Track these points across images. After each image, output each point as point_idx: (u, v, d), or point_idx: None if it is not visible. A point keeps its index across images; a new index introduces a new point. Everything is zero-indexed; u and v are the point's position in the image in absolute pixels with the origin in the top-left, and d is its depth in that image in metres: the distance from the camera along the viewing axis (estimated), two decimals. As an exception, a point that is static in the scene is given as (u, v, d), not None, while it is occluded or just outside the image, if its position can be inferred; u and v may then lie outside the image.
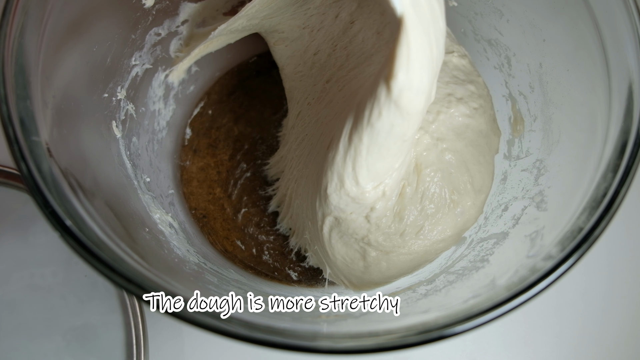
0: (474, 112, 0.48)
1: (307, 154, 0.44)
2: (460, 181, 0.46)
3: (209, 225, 0.60)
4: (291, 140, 0.50)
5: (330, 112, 0.41)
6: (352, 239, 0.44)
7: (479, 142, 0.48)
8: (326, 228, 0.43)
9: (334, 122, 0.39)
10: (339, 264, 0.47)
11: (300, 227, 0.49)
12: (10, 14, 0.33)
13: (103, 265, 0.31)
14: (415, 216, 0.45)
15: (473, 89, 0.50)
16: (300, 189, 0.46)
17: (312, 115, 0.45)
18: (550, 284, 0.32)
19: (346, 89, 0.40)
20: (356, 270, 0.46)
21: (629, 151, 0.34)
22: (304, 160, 0.45)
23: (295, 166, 0.47)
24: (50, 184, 0.31)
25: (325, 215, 0.42)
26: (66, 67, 0.39)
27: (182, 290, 0.33)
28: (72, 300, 0.56)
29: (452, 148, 0.46)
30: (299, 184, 0.46)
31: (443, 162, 0.46)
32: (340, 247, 0.45)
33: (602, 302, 0.62)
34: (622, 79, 0.37)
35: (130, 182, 0.48)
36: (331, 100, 0.42)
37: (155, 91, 0.55)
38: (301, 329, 0.32)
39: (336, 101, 0.40)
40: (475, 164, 0.48)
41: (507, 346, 0.60)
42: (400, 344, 0.31)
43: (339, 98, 0.40)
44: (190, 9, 0.52)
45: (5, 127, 0.31)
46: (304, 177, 0.45)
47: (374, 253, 0.45)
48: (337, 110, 0.40)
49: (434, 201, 0.45)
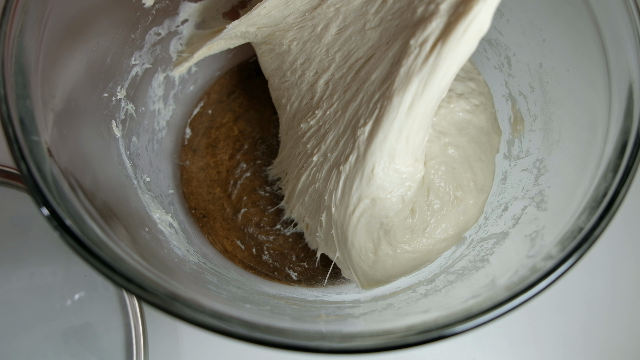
0: (474, 108, 0.48)
1: (321, 146, 0.45)
2: (463, 177, 0.47)
3: (208, 225, 0.60)
4: (290, 144, 0.50)
5: (347, 101, 0.42)
6: (377, 224, 0.44)
7: (481, 140, 0.49)
8: (358, 212, 0.43)
9: (357, 109, 0.40)
10: (353, 252, 0.46)
11: (313, 212, 0.48)
12: (10, 14, 0.33)
13: (103, 265, 0.31)
14: (424, 210, 0.46)
15: (473, 86, 0.50)
16: (317, 177, 0.46)
17: (316, 114, 0.46)
18: (551, 283, 0.32)
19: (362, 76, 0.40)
20: (365, 263, 0.46)
21: (629, 151, 0.34)
22: (317, 159, 0.45)
23: (308, 157, 0.47)
24: (50, 183, 0.31)
25: (362, 197, 0.42)
26: (66, 66, 0.39)
27: (182, 289, 0.33)
28: (71, 300, 0.56)
29: (455, 143, 0.47)
30: (315, 173, 0.46)
31: (446, 155, 0.47)
32: (362, 234, 0.45)
33: (603, 302, 0.62)
34: (622, 79, 0.37)
35: (130, 181, 0.48)
36: (346, 90, 0.42)
37: (155, 91, 0.55)
38: (301, 328, 0.32)
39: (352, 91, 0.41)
40: (478, 162, 0.48)
41: (507, 346, 0.60)
42: (400, 344, 0.31)
43: (354, 87, 0.41)
44: (190, 8, 0.52)
45: (5, 126, 0.31)
46: (321, 169, 0.45)
47: (385, 248, 0.45)
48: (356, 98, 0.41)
49: (439, 196, 0.46)
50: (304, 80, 0.47)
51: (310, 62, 0.46)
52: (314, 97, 0.46)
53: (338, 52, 0.44)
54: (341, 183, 0.43)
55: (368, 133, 0.39)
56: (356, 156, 0.41)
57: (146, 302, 0.31)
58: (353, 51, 0.42)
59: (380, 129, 0.38)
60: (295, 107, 0.49)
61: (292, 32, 0.47)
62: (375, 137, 0.38)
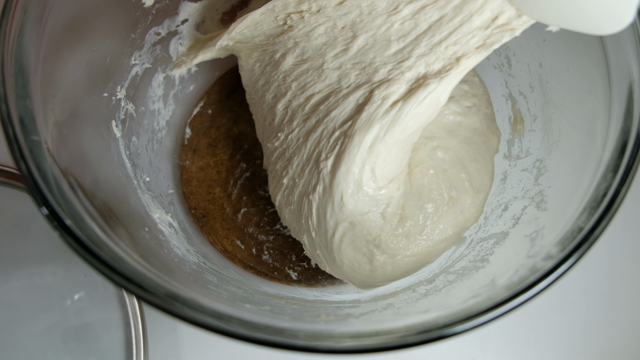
0: (466, 110, 0.49)
1: (288, 170, 0.47)
2: (457, 178, 0.47)
3: (208, 224, 0.60)
4: (267, 154, 0.52)
5: (308, 131, 0.45)
6: (363, 242, 0.45)
7: (475, 140, 0.49)
8: (338, 235, 0.44)
9: (317, 141, 0.43)
10: (345, 268, 0.47)
11: (296, 231, 0.50)
12: (9, 13, 0.33)
13: (102, 264, 0.31)
14: (417, 215, 0.46)
15: (467, 88, 0.50)
16: (291, 199, 0.48)
17: (279, 137, 0.48)
18: (551, 283, 0.32)
19: (322, 110, 0.44)
20: (362, 274, 0.47)
21: (629, 151, 0.34)
22: (287, 182, 0.47)
23: (279, 179, 0.49)
24: (50, 183, 0.31)
25: (338, 222, 0.44)
26: (66, 66, 0.39)
27: (182, 289, 0.33)
28: (71, 300, 0.56)
29: (444, 146, 0.48)
30: (288, 196, 0.48)
31: (435, 159, 0.47)
32: (349, 251, 0.46)
33: (603, 302, 0.62)
34: (622, 79, 0.37)
35: (130, 181, 0.48)
36: (305, 119, 0.45)
37: (155, 90, 0.55)
38: (301, 328, 0.32)
39: (311, 123, 0.44)
40: (472, 162, 0.48)
41: (507, 346, 0.60)
42: (400, 343, 0.31)
43: (314, 119, 0.44)
44: (190, 8, 0.52)
45: (5, 126, 0.31)
46: (293, 193, 0.47)
47: (381, 257, 0.45)
48: (316, 130, 0.44)
49: (432, 198, 0.47)
50: (265, 102, 0.49)
51: (269, 85, 0.49)
52: (275, 119, 0.48)
53: (294, 82, 0.46)
54: (314, 210, 0.44)
55: (331, 166, 0.42)
56: (323, 187, 0.43)
57: (146, 302, 0.31)
58: (309, 84, 0.45)
59: (342, 162, 0.41)
60: (261, 124, 0.51)
61: (257, 53, 0.49)
62: (338, 169, 0.41)
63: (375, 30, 0.42)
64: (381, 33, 0.41)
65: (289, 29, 0.45)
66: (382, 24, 0.41)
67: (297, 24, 0.44)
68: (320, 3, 0.43)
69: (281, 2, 0.44)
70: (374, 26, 0.42)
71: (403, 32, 0.41)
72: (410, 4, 0.40)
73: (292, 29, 0.45)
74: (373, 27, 0.42)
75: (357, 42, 0.42)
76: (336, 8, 0.42)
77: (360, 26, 0.42)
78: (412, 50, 0.40)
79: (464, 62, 0.39)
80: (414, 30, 0.40)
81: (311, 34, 0.44)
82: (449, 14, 0.39)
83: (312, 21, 0.44)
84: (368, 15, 0.42)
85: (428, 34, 0.40)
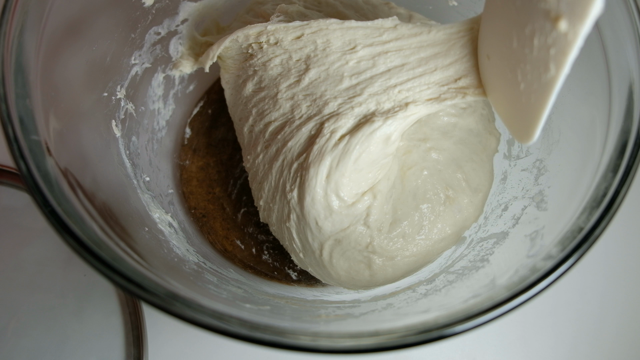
0: (461, 111, 0.49)
1: (261, 193, 0.48)
2: (453, 178, 0.48)
3: (208, 224, 0.60)
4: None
5: (271, 159, 0.46)
6: (355, 252, 0.45)
7: (470, 141, 0.49)
8: (326, 253, 0.45)
9: (280, 170, 0.45)
10: (343, 279, 0.47)
11: (286, 248, 0.50)
12: (9, 13, 0.33)
13: (102, 264, 0.31)
14: (412, 215, 0.46)
15: None
16: (271, 221, 0.49)
17: (249, 159, 0.50)
18: (551, 283, 0.32)
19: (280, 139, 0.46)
20: (362, 279, 0.47)
21: (629, 151, 0.34)
22: (264, 205, 0.49)
23: (257, 199, 0.50)
24: (49, 183, 0.31)
25: (322, 243, 0.44)
26: (66, 66, 0.39)
27: (182, 289, 0.33)
28: (71, 300, 0.56)
29: (438, 147, 0.48)
30: (268, 217, 0.49)
31: (428, 160, 0.48)
32: (343, 263, 0.46)
33: (600, 302, 0.62)
34: (622, 79, 0.37)
35: (130, 181, 0.48)
36: (267, 146, 0.47)
37: (155, 90, 0.55)
38: (301, 328, 0.32)
39: (272, 151, 0.46)
40: (469, 162, 0.48)
41: (506, 346, 0.60)
42: (400, 343, 0.31)
43: (274, 147, 0.46)
44: (190, 8, 0.52)
45: (5, 126, 0.31)
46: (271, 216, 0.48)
47: (380, 260, 0.45)
48: (278, 159, 0.45)
49: (427, 199, 0.47)
50: (235, 121, 0.52)
51: (236, 108, 0.51)
52: (244, 141, 0.50)
53: (254, 108, 0.48)
54: (295, 236, 0.46)
55: (297, 197, 0.43)
56: (296, 215, 0.44)
57: (146, 302, 0.31)
58: (267, 112, 0.46)
59: (305, 193, 0.42)
60: (240, 139, 0.52)
61: (228, 75, 0.51)
62: (304, 200, 0.43)
63: (328, 66, 0.44)
64: (334, 69, 0.44)
65: (250, 57, 0.48)
66: (336, 61, 0.44)
67: (257, 53, 0.47)
68: (277, 36, 0.45)
69: (243, 33, 0.46)
70: (327, 61, 0.44)
71: (358, 70, 0.43)
72: (370, 47, 0.43)
73: (252, 57, 0.47)
74: (326, 62, 0.44)
75: (309, 74, 0.44)
76: (292, 42, 0.45)
77: (314, 60, 0.44)
78: (365, 87, 0.42)
79: (412, 108, 0.41)
80: (370, 70, 0.43)
81: (268, 64, 0.46)
82: (412, 63, 0.42)
83: (269, 52, 0.46)
84: (322, 51, 0.44)
85: (385, 76, 0.42)
